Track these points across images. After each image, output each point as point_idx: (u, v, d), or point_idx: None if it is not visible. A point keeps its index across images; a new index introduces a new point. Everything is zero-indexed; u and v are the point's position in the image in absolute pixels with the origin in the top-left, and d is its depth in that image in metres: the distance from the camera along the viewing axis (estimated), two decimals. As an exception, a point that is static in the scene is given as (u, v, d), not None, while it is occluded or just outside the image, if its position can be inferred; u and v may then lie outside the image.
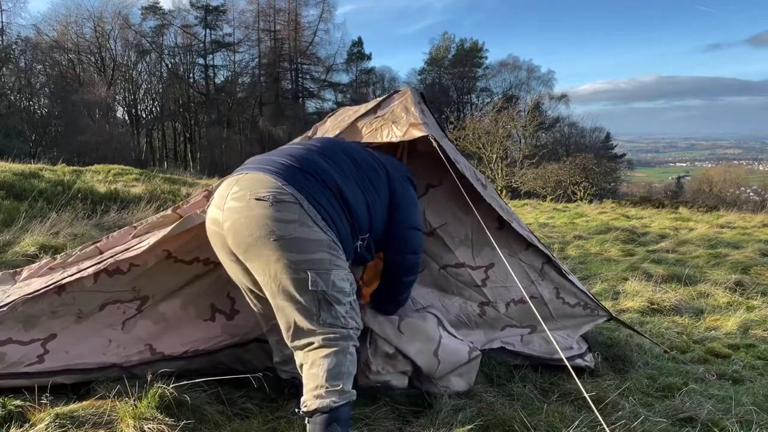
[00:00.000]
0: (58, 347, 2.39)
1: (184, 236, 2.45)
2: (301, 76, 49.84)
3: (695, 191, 36.25)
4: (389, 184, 2.38)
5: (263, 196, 1.96)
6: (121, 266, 2.42)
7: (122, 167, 13.41)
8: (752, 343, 3.85)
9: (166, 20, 45.19)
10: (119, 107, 43.78)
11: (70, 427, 2.06)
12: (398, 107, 2.70)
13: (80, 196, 7.38)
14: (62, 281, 2.37)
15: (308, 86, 50.46)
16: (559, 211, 14.68)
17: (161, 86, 45.44)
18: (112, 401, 2.23)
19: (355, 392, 2.02)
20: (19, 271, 2.83)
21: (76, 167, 12.33)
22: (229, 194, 2.04)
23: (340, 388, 1.96)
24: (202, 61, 47.10)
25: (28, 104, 35.25)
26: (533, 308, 2.19)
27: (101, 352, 2.48)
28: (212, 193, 2.39)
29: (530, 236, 3.04)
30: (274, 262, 1.96)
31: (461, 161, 2.83)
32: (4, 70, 34.56)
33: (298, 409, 2.00)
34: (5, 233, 5.24)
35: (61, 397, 2.31)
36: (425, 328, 2.68)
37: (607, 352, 3.32)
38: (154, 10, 44.55)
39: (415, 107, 2.67)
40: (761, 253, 7.16)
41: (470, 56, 51.19)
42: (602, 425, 1.69)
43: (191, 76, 47.55)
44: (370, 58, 51.58)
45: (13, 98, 33.41)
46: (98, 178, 10.82)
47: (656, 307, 4.64)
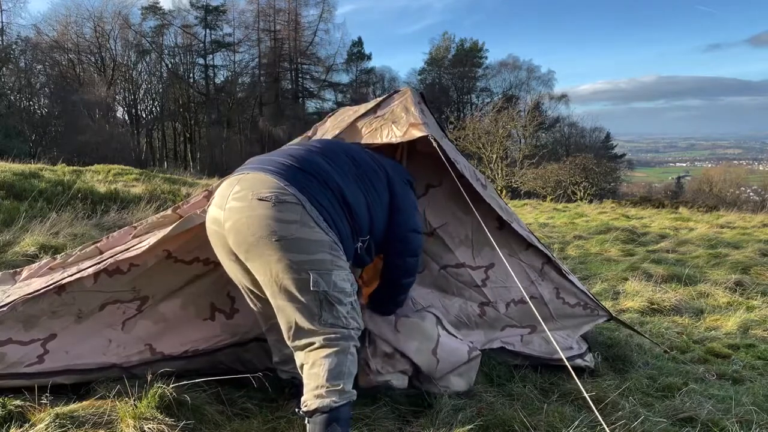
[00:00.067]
0: (58, 347, 2.39)
1: (184, 236, 2.45)
2: (301, 76, 49.86)
3: (695, 191, 36.25)
4: (389, 186, 2.38)
5: (266, 196, 1.96)
6: (121, 266, 2.42)
7: (122, 167, 13.41)
8: (752, 343, 3.85)
9: (166, 20, 45.22)
10: (119, 107, 43.85)
11: (70, 427, 2.06)
12: (398, 107, 2.70)
13: (80, 196, 7.38)
14: (62, 281, 2.37)
15: (308, 86, 50.49)
16: (559, 211, 14.69)
17: (161, 86, 45.44)
18: (112, 401, 2.23)
19: (355, 392, 2.02)
20: (19, 271, 2.84)
21: (76, 167, 12.33)
22: (230, 194, 2.04)
23: (340, 387, 1.96)
24: (202, 61, 47.14)
25: (28, 104, 35.25)
26: (533, 309, 2.19)
27: (101, 352, 2.48)
28: (212, 193, 2.39)
29: (530, 236, 3.04)
30: (275, 262, 1.96)
31: (461, 161, 2.83)
32: (4, 70, 34.56)
33: (298, 408, 2.00)
34: (5, 233, 5.24)
35: (61, 397, 2.31)
36: (423, 327, 2.69)
37: (607, 352, 3.32)
38: (154, 10, 44.56)
39: (415, 107, 2.67)
40: (761, 253, 7.16)
41: (470, 56, 51.19)
42: (602, 425, 1.69)
43: (191, 76, 47.57)
44: (370, 58, 51.64)
45: (13, 98, 33.41)
46: (98, 178, 10.82)
47: (656, 307, 4.64)
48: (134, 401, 2.16)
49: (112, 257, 2.45)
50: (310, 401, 1.96)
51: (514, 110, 30.92)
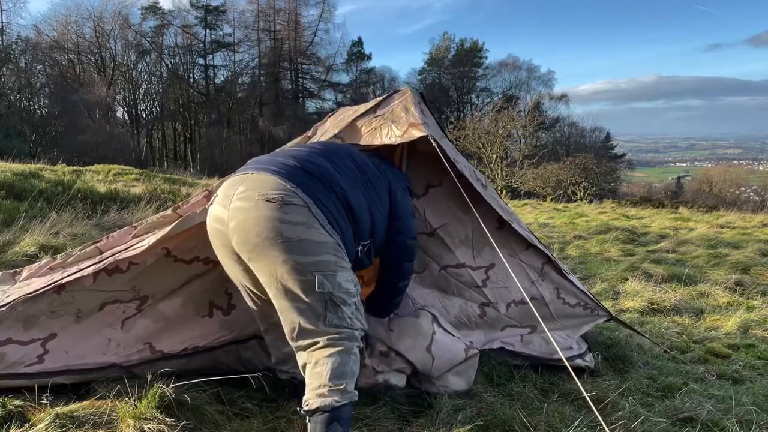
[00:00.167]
0: (57, 347, 2.39)
1: (183, 235, 2.45)
2: (301, 76, 49.85)
3: (695, 191, 36.24)
4: (390, 192, 2.41)
5: (272, 197, 1.96)
6: (120, 265, 2.42)
7: (122, 167, 13.41)
8: (752, 343, 3.85)
9: (166, 20, 45.22)
10: (119, 107, 43.84)
11: (70, 427, 2.06)
12: (398, 107, 2.70)
13: (80, 196, 7.38)
14: (62, 281, 2.37)
15: (308, 86, 50.48)
16: (559, 211, 14.69)
17: (161, 86, 45.44)
18: (112, 401, 2.23)
19: (357, 393, 2.02)
20: (19, 271, 2.83)
21: (76, 167, 12.33)
22: (235, 193, 2.03)
23: (342, 387, 1.96)
24: (202, 61, 47.13)
25: (28, 104, 35.23)
26: (533, 310, 2.19)
27: (101, 351, 2.48)
28: (213, 192, 2.39)
29: (530, 236, 3.04)
30: (280, 264, 1.96)
31: (461, 161, 2.82)
32: (4, 70, 34.55)
33: (299, 407, 2.00)
34: (5, 233, 5.24)
35: (61, 397, 2.31)
36: (417, 324, 2.69)
37: (607, 352, 3.32)
38: (154, 10, 44.56)
39: (414, 107, 2.67)
40: (761, 253, 7.16)
41: (470, 56, 51.18)
42: (602, 425, 1.69)
43: (191, 76, 47.56)
44: (370, 58, 51.63)
45: (13, 98, 33.39)
46: (98, 178, 10.82)
47: (656, 307, 4.64)
48: (134, 401, 2.16)
49: (111, 256, 2.45)
50: (311, 400, 1.96)
51: (514, 110, 30.92)
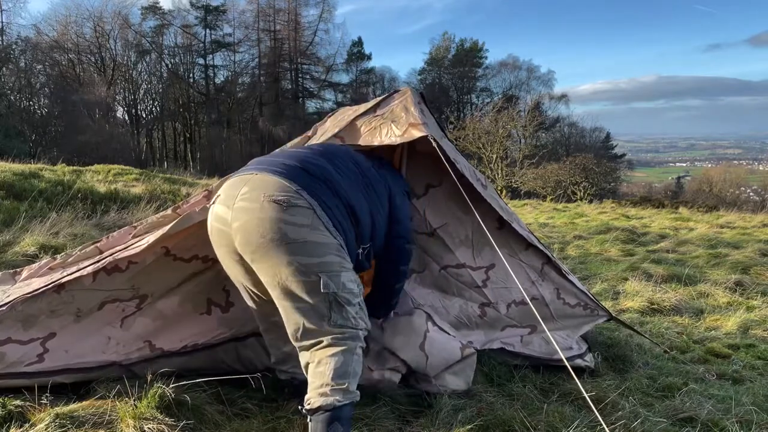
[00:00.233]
0: (57, 346, 2.39)
1: (183, 234, 2.45)
2: (301, 76, 49.84)
3: (695, 191, 36.25)
4: (390, 197, 2.42)
5: (278, 199, 1.96)
6: (119, 264, 2.42)
7: (122, 167, 13.41)
8: (752, 343, 3.85)
9: (166, 20, 45.20)
10: (119, 107, 43.83)
11: (70, 427, 2.06)
12: (398, 107, 2.70)
13: (80, 196, 7.38)
14: (61, 280, 2.38)
15: (308, 86, 50.47)
16: (559, 211, 14.69)
17: (161, 86, 45.43)
18: (112, 401, 2.23)
19: (358, 393, 2.02)
20: (19, 271, 2.84)
21: (76, 167, 12.32)
22: (239, 194, 2.03)
23: (345, 387, 1.96)
24: (202, 61, 47.12)
25: (28, 104, 35.24)
26: (534, 310, 2.19)
27: (101, 350, 2.48)
28: (213, 192, 2.39)
29: (530, 236, 3.04)
30: (285, 265, 1.96)
31: (461, 161, 2.82)
32: (4, 70, 34.55)
33: (301, 406, 2.01)
34: (5, 233, 5.24)
35: (61, 397, 2.31)
36: (409, 322, 2.70)
37: (607, 352, 3.32)
38: (154, 10, 44.55)
39: (414, 107, 2.66)
40: (761, 253, 7.16)
41: (470, 56, 51.17)
42: (602, 425, 1.69)
43: (191, 76, 47.55)
44: (370, 58, 51.62)
45: (13, 98, 33.40)
46: (98, 178, 10.82)
47: (656, 307, 4.63)
48: (134, 401, 2.16)
49: (111, 256, 2.45)
50: (313, 399, 1.96)
51: (514, 110, 30.92)
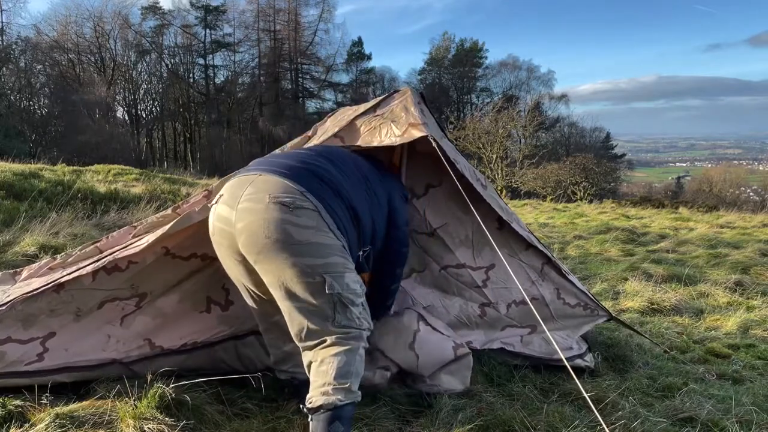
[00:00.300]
0: (57, 345, 2.39)
1: (182, 233, 2.45)
2: (301, 76, 49.84)
3: (695, 191, 36.25)
4: (390, 201, 2.44)
5: (284, 200, 1.96)
6: (119, 264, 2.43)
7: (122, 167, 13.42)
8: (752, 343, 3.85)
9: (166, 20, 45.20)
10: (119, 107, 43.83)
11: (70, 427, 2.06)
12: (398, 107, 2.70)
13: (80, 196, 7.38)
14: (60, 280, 2.38)
15: (308, 86, 50.47)
16: (559, 211, 14.69)
17: (161, 86, 45.43)
18: (112, 401, 2.23)
19: (360, 393, 2.02)
20: (19, 271, 2.84)
21: (76, 167, 12.33)
22: (243, 194, 2.03)
23: (347, 386, 1.96)
24: (202, 61, 47.12)
25: (28, 104, 35.26)
26: (534, 310, 2.18)
27: (101, 348, 2.48)
28: (214, 192, 2.39)
29: (530, 236, 3.04)
30: (289, 266, 1.96)
31: (461, 161, 2.82)
32: (4, 70, 34.55)
33: (302, 405, 2.01)
34: (5, 233, 5.24)
35: (61, 397, 2.31)
36: (398, 322, 2.70)
37: (607, 352, 3.32)
38: (154, 10, 44.54)
39: (414, 107, 2.66)
40: (761, 253, 7.16)
41: (470, 56, 51.17)
42: (602, 425, 1.69)
43: (191, 76, 47.55)
44: (370, 58, 51.61)
45: (13, 98, 33.40)
46: (98, 178, 10.82)
47: (656, 307, 4.63)
48: (134, 401, 2.16)
49: (110, 255, 2.46)
50: (315, 398, 1.96)
51: (514, 110, 30.93)
